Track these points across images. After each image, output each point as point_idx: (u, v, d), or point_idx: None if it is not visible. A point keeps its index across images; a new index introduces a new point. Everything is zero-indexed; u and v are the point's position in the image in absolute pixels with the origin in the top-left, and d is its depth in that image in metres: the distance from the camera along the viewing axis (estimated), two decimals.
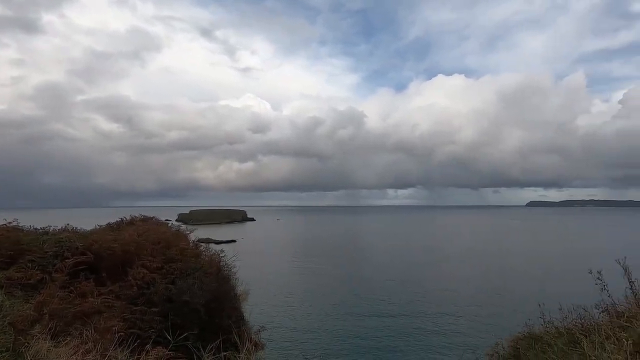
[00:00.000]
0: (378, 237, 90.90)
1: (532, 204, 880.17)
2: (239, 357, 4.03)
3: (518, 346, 6.17)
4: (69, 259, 6.18)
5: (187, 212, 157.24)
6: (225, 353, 4.27)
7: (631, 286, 5.55)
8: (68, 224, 8.28)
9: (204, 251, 9.37)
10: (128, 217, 10.12)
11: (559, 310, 6.03)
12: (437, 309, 27.71)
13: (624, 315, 4.88)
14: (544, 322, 6.14)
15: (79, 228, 8.29)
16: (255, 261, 47.99)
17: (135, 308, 6.18)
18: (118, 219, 9.94)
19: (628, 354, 3.61)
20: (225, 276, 9.06)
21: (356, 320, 25.53)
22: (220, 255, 9.53)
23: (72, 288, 5.81)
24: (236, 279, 9.95)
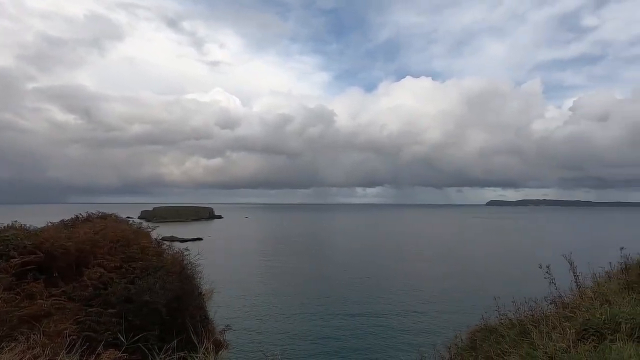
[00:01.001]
0: (346, 236, 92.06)
1: (492, 203, 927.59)
2: (197, 357, 3.93)
3: (475, 338, 6.53)
4: (15, 258, 5.74)
5: (151, 209, 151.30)
6: (181, 353, 4.14)
7: (576, 279, 6.09)
8: (15, 221, 7.66)
9: (166, 249, 9.03)
10: (84, 214, 9.55)
11: (513, 303, 6.47)
12: (401, 307, 28.50)
13: (568, 306, 5.31)
14: (499, 314, 6.58)
15: (28, 225, 7.69)
16: (221, 259, 47.08)
17: (90, 310, 5.85)
18: (73, 216, 9.36)
19: (571, 341, 3.92)
20: (189, 275, 8.79)
21: (322, 319, 25.72)
22: (184, 253, 9.23)
23: (18, 290, 5.40)
24: (201, 277, 9.68)
